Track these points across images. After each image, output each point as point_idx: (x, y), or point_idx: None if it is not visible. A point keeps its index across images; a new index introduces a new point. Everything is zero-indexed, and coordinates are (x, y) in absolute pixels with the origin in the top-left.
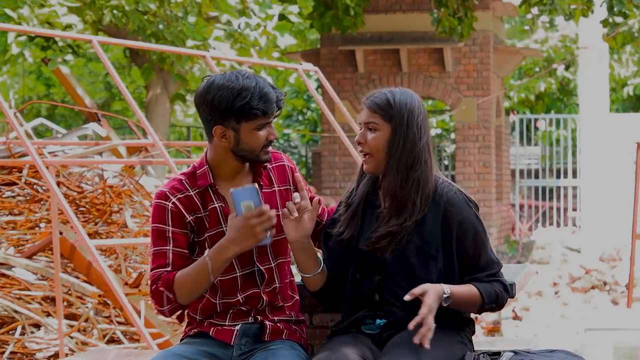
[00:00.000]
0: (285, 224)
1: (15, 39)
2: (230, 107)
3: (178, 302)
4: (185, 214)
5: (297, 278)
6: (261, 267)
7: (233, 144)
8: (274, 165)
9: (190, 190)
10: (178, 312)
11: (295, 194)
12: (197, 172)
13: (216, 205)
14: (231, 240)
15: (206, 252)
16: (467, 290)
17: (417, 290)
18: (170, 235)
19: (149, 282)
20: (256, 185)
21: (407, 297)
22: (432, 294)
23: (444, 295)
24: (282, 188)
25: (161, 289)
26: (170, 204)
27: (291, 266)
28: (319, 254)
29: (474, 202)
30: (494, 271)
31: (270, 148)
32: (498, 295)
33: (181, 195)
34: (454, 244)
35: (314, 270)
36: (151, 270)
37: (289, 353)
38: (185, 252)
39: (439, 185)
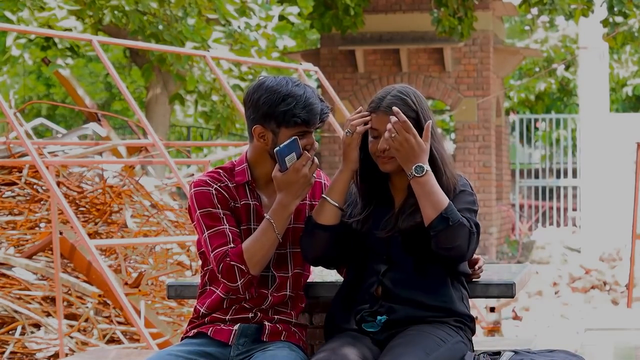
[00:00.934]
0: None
1: (15, 41)
2: (274, 110)
3: (250, 273)
4: (230, 199)
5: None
6: (275, 274)
7: (270, 146)
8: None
9: (229, 183)
10: (250, 287)
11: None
12: (236, 168)
13: (250, 202)
14: (291, 194)
15: (266, 215)
16: (441, 190)
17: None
18: (223, 216)
19: (214, 262)
20: (296, 137)
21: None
22: (417, 141)
23: (420, 164)
24: (314, 203)
25: (232, 262)
26: (213, 189)
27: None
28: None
29: (467, 179)
30: (471, 217)
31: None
32: (460, 220)
33: (221, 184)
34: None
35: (341, 201)
36: (212, 250)
37: (287, 354)
38: (239, 232)
39: None
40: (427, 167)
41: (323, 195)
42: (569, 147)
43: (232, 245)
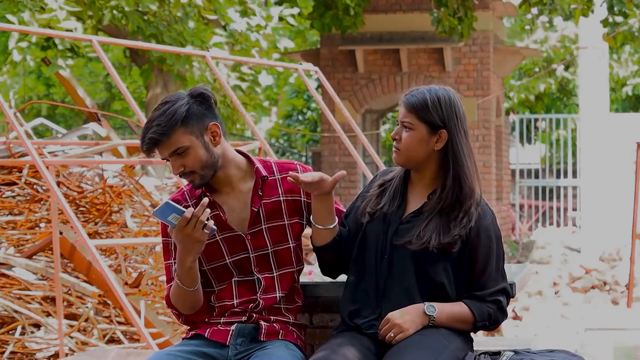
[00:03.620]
0: (307, 186)
1: (17, 44)
2: None
3: (185, 314)
4: None
5: (302, 280)
6: (260, 276)
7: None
8: (283, 175)
9: (189, 201)
10: (193, 321)
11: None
12: None
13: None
14: (181, 252)
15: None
16: (458, 309)
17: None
18: (172, 247)
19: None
20: (168, 199)
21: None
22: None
23: (429, 317)
24: (289, 198)
25: (167, 305)
26: None
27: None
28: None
29: (493, 212)
30: (496, 289)
31: (194, 180)
32: (491, 315)
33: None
34: (468, 249)
35: (328, 224)
36: (166, 284)
37: (284, 352)
38: None
39: None
40: (430, 311)
41: (313, 224)
42: (569, 147)
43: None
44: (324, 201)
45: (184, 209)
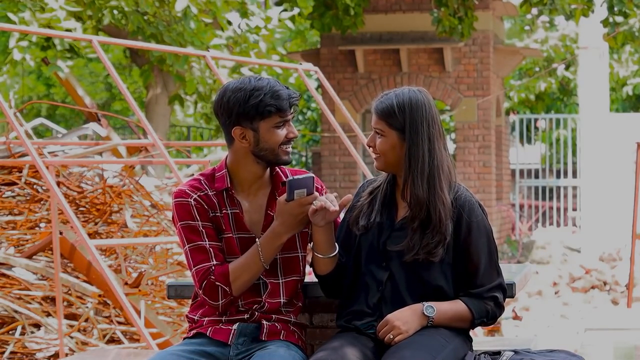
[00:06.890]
0: (314, 214)
1: (17, 43)
2: (245, 107)
3: (232, 295)
4: (209, 209)
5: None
6: (267, 280)
7: (253, 144)
8: None
9: (209, 191)
10: (231, 306)
11: (330, 196)
12: (216, 174)
13: (229, 211)
14: (285, 225)
15: (257, 240)
16: (456, 308)
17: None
18: (203, 229)
19: (196, 278)
20: (312, 174)
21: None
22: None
23: (427, 317)
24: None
25: (217, 283)
26: (192, 200)
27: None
28: None
29: (484, 208)
30: (492, 285)
31: (290, 148)
32: (489, 312)
33: (201, 194)
34: (461, 247)
35: (329, 252)
36: (194, 266)
37: (285, 352)
38: (220, 245)
39: (456, 188)
40: (429, 312)
41: (315, 254)
42: (569, 147)
43: (214, 262)
44: (325, 231)
45: (314, 190)
